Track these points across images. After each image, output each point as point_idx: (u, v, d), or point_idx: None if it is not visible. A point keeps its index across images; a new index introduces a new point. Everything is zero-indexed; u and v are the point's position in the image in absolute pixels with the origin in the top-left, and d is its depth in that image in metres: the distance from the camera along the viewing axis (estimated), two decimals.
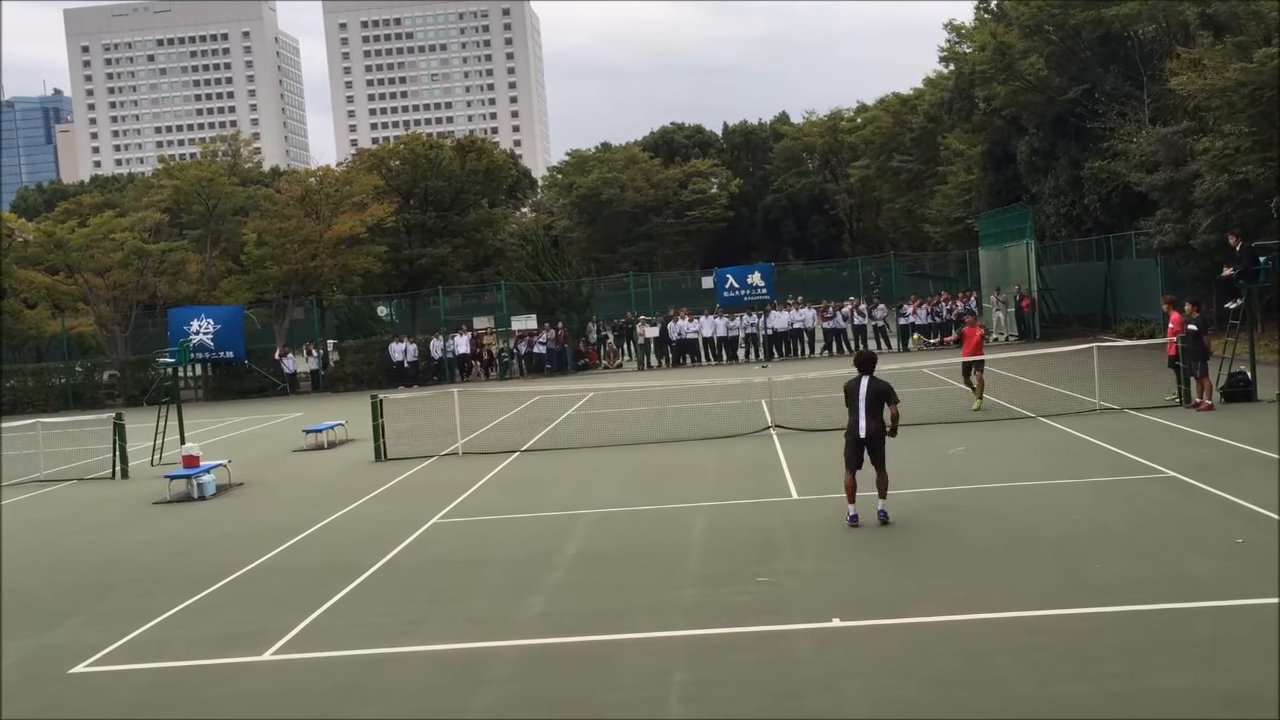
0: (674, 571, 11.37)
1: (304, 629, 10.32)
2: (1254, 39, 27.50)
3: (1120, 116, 36.65)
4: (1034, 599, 9.55)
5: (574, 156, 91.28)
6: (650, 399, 28.02)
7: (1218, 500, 12.70)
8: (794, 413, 22.63)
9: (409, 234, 63.70)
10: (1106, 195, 38.12)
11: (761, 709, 7.66)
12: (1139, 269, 37.15)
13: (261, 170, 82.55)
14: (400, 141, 69.54)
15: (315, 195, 49.27)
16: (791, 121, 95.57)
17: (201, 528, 16.00)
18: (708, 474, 17.06)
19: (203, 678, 9.27)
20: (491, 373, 42.15)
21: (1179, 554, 10.66)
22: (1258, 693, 7.27)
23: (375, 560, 12.80)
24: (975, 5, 48.87)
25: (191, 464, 18.87)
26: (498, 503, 16.05)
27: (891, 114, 74.84)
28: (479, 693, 8.40)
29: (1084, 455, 16.28)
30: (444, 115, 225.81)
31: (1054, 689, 7.57)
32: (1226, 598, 9.17)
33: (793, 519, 13.44)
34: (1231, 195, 27.76)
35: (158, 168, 62.12)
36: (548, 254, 48.05)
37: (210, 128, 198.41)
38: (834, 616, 9.43)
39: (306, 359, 43.12)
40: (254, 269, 49.13)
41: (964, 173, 58.69)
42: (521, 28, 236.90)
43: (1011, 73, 41.17)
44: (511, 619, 10.15)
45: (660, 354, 41.45)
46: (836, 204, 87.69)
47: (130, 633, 10.62)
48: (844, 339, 41.05)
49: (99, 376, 43.22)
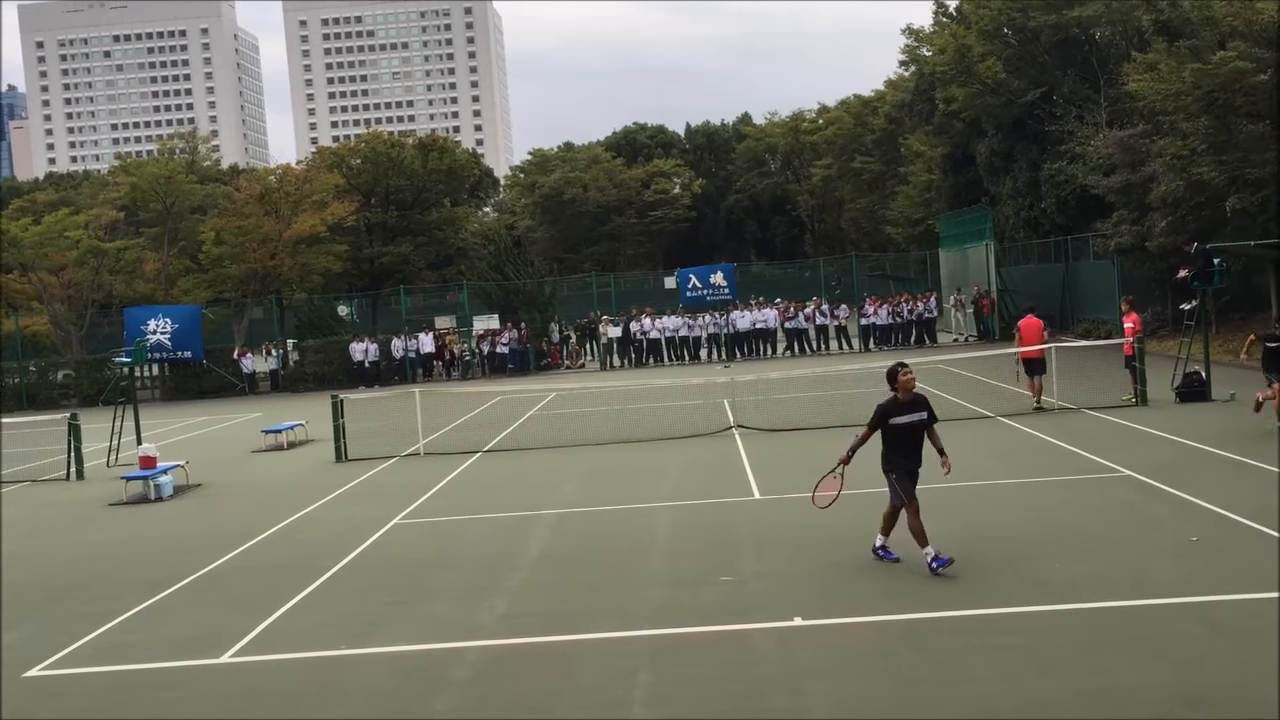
0: (636, 572, 11.36)
1: (263, 631, 10.21)
2: (1207, 43, 27.90)
3: (1078, 119, 37.07)
4: (996, 597, 9.61)
5: (536, 156, 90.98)
6: (612, 399, 28.00)
7: (1175, 499, 12.86)
8: (756, 413, 22.68)
9: (370, 233, 63.31)
10: (1064, 197, 38.55)
11: (725, 710, 7.66)
12: (1096, 271, 37.57)
13: (220, 168, 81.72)
14: (361, 140, 69.11)
15: (275, 194, 48.88)
16: (754, 122, 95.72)
17: (159, 529, 15.81)
18: (670, 474, 17.06)
19: (160, 681, 9.15)
20: (453, 373, 41.98)
21: (1137, 552, 10.78)
22: (1215, 690, 7.36)
23: (336, 561, 12.70)
24: (933, 9, 49.25)
25: (148, 465, 18.63)
26: (460, 503, 15.97)
27: (853, 115, 75.20)
28: (441, 694, 8.34)
29: (1043, 455, 16.43)
30: (405, 114, 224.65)
31: (1016, 686, 7.62)
32: (1184, 595, 9.28)
33: (755, 519, 13.47)
34: (1187, 197, 28.15)
35: (114, 165, 61.28)
36: (510, 253, 47.92)
37: (168, 125, 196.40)
38: (796, 616, 9.45)
39: (266, 359, 42.73)
40: (212, 268, 48.66)
41: (925, 174, 59.09)
42: (484, 27, 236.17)
43: (970, 75, 41.53)
44: (474, 620, 10.10)
45: (623, 354, 41.47)
46: (798, 204, 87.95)
47: (86, 636, 10.47)
48: (806, 339, 41.25)
49: (53, 376, 42.65)
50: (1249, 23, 25.74)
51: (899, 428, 10.62)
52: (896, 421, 10.61)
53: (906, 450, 10.65)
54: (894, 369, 10.79)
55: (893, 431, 10.63)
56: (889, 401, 10.70)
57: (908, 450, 10.65)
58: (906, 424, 10.63)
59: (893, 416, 10.62)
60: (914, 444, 10.70)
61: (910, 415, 10.64)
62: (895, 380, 10.68)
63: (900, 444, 10.63)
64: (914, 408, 10.68)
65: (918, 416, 10.68)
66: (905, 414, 10.63)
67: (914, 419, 10.65)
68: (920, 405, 10.72)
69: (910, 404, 10.66)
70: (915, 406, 10.69)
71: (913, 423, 10.65)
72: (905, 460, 10.64)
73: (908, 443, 10.65)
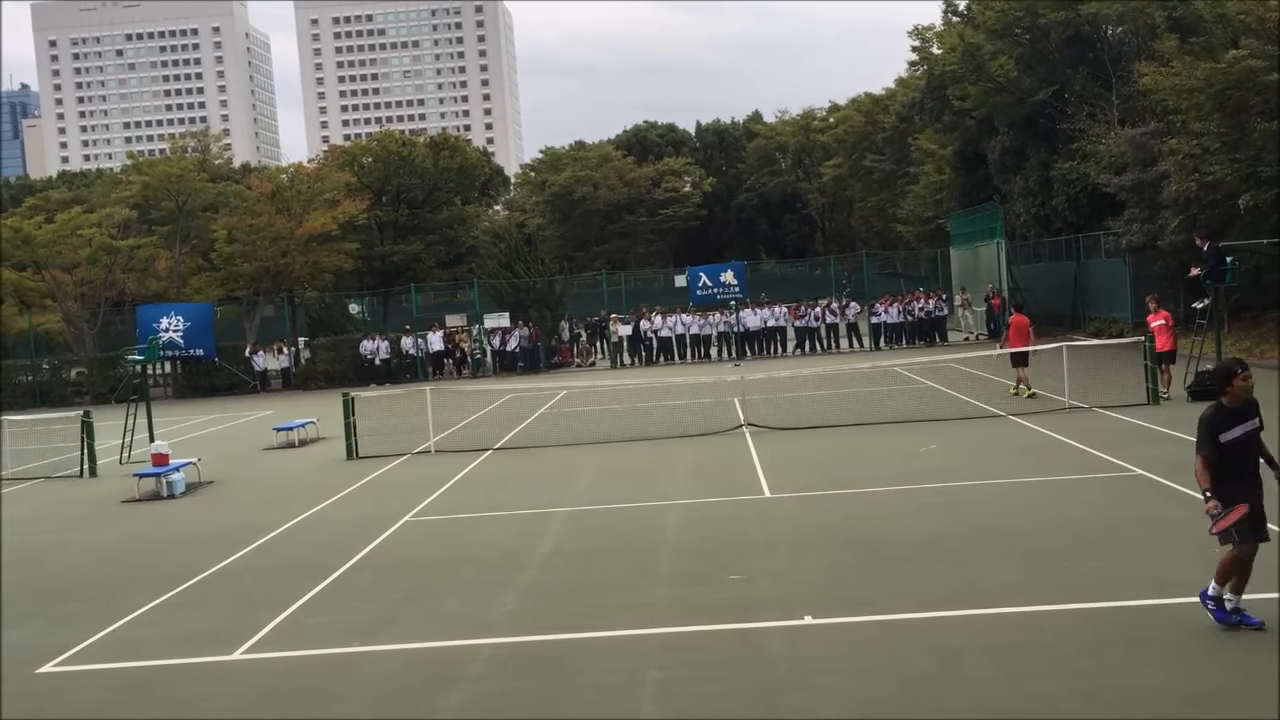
0: (647, 570, 11.38)
1: (275, 628, 10.25)
2: (1220, 41, 27.81)
3: (1090, 118, 36.94)
4: (1004, 596, 9.61)
5: (547, 154, 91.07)
6: (623, 397, 28.00)
7: (1186, 499, 12.81)
8: (766, 411, 22.67)
9: (381, 231, 63.37)
10: (1075, 196, 38.41)
11: (735, 707, 7.67)
12: (1107, 269, 37.45)
13: (232, 167, 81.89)
14: (372, 138, 69.21)
15: (286, 192, 48.92)
16: (764, 120, 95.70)
17: (171, 526, 15.87)
18: (680, 472, 17.07)
19: (172, 677, 9.20)
20: (464, 370, 42.04)
21: (1147, 552, 10.76)
22: (1222, 691, 7.35)
23: (347, 559, 12.74)
24: (942, 8, 49.07)
25: (160, 462, 18.71)
26: (470, 501, 16.01)
27: (863, 113, 75.08)
28: (452, 691, 8.37)
29: (1054, 453, 16.40)
30: (416, 112, 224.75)
31: (1024, 686, 7.62)
32: (1193, 595, 9.25)
33: (765, 517, 13.47)
34: (1199, 196, 28.05)
35: (126, 163, 61.45)
36: (520, 251, 47.94)
37: (180, 123, 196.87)
38: (806, 614, 9.46)
39: (277, 357, 42.85)
40: (224, 266, 48.75)
41: (935, 172, 58.97)
42: (494, 25, 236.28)
43: (981, 73, 41.42)
44: (484, 617, 10.13)
45: (633, 352, 41.48)
46: (809, 203, 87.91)
47: (99, 632, 10.52)
48: (816, 338, 41.22)
49: (66, 374, 42.79)
50: (1261, 20, 25.65)
51: (1233, 444, 8.39)
52: (1229, 437, 8.38)
53: (1241, 469, 8.40)
54: (1228, 368, 8.67)
55: (1225, 449, 8.37)
56: (1214, 412, 8.49)
57: (1242, 469, 8.41)
58: (1241, 437, 8.43)
59: (1223, 431, 8.39)
60: (1250, 461, 8.49)
61: (1243, 426, 8.46)
62: (1229, 383, 8.49)
63: (1235, 464, 8.38)
64: (1245, 416, 8.49)
65: (1250, 426, 8.49)
66: (1237, 425, 8.42)
67: (1247, 430, 8.47)
68: (1252, 411, 8.53)
69: (1241, 412, 8.49)
70: (1246, 414, 8.50)
71: (1247, 435, 8.46)
72: (1244, 486, 8.34)
73: (1243, 460, 8.44)
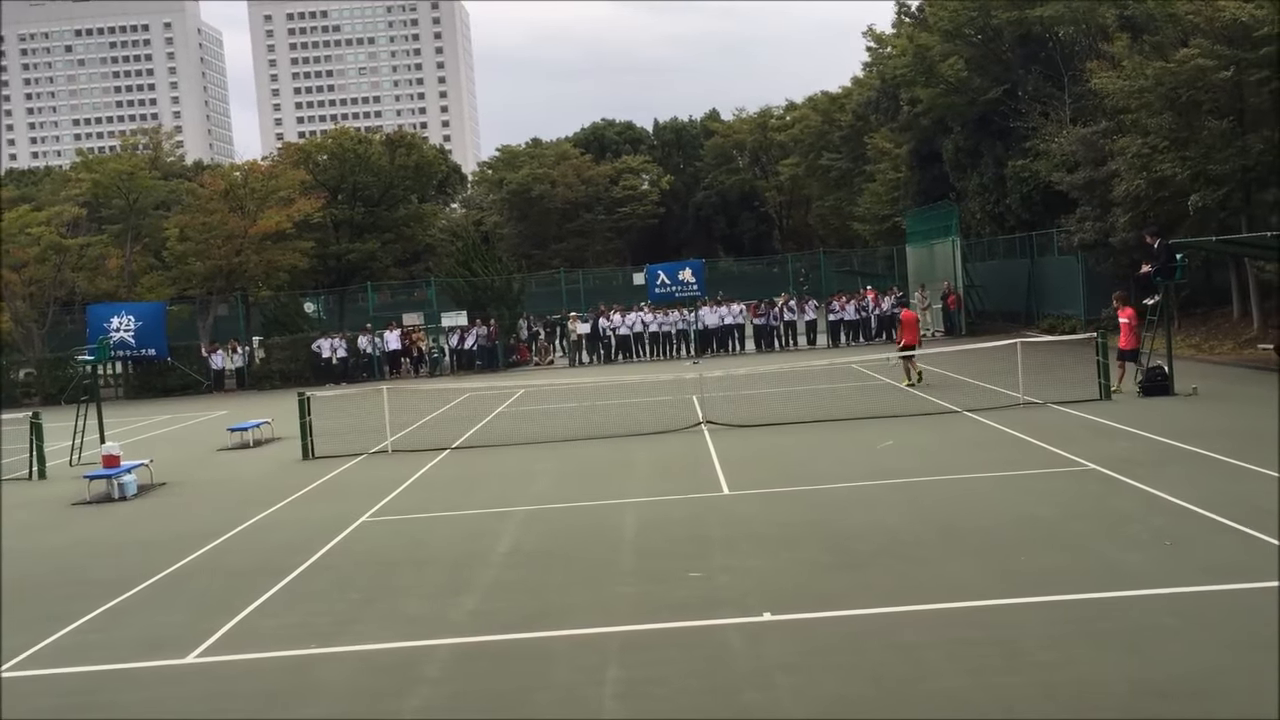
0: (606, 568, 11.35)
1: (230, 630, 10.13)
2: (1170, 40, 28.20)
3: (1042, 116, 37.33)
4: (964, 591, 9.67)
5: (504, 152, 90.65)
6: (581, 395, 27.96)
7: (1139, 492, 12.99)
8: (725, 409, 22.72)
9: (336, 229, 62.81)
10: (1029, 194, 38.85)
11: (695, 705, 7.66)
12: (1061, 266, 37.90)
13: (184, 164, 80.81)
14: (328, 136, 68.53)
15: (240, 190, 48.36)
16: (722, 119, 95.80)
17: (123, 529, 15.65)
18: (639, 470, 17.06)
19: (126, 682, 9.05)
20: (421, 369, 41.81)
21: (1103, 545, 10.88)
22: (1183, 683, 7.43)
23: (304, 560, 12.61)
24: (895, 9, 49.37)
25: (112, 464, 18.44)
26: (428, 500, 15.91)
27: (820, 113, 75.36)
28: (412, 692, 8.30)
29: (1010, 449, 16.55)
30: (372, 110, 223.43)
31: (984, 680, 7.66)
32: (1151, 587, 9.37)
33: (725, 514, 13.48)
34: (1149, 194, 28.45)
35: (76, 161, 60.51)
36: (478, 250, 47.72)
37: (131, 120, 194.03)
38: (766, 611, 9.47)
39: (232, 356, 42.40)
40: (176, 265, 48.11)
41: (892, 171, 59.35)
42: (451, 23, 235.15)
43: (932, 75, 41.69)
44: (444, 617, 10.06)
45: (592, 350, 41.43)
46: (766, 201, 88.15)
47: (49, 637, 10.34)
48: (775, 335, 41.38)
49: (15, 374, 42.13)
50: (1210, 20, 26.03)
51: None
52: None
53: None
54: None
55: None
56: None
57: None
58: None
59: None
60: None
61: None
62: None
63: None
64: None
65: None
66: None
67: None
68: None
69: None
70: None
71: None
72: None
73: None
